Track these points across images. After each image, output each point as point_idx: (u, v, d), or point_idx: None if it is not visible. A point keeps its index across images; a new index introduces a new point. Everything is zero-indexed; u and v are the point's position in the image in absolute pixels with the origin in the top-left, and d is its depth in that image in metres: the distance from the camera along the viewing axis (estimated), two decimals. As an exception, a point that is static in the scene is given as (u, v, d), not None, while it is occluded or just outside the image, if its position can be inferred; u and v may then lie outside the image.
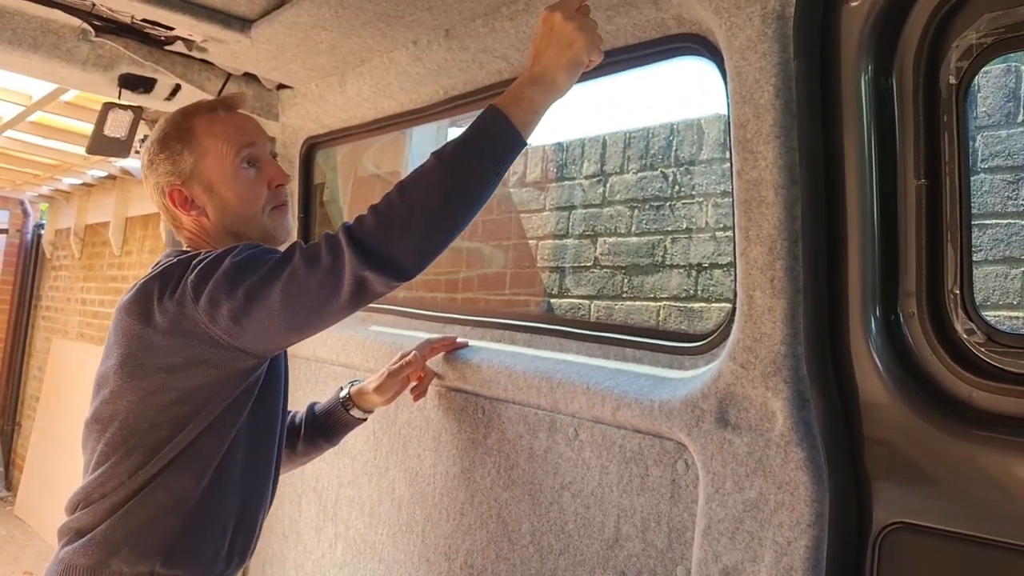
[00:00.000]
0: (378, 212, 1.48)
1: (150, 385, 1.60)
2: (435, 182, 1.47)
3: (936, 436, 1.28)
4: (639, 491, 1.65)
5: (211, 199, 1.76)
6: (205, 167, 1.75)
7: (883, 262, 1.36)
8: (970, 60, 1.26)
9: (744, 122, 1.42)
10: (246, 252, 1.58)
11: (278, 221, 1.81)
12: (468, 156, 1.49)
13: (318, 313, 1.52)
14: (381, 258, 1.45)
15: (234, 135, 1.77)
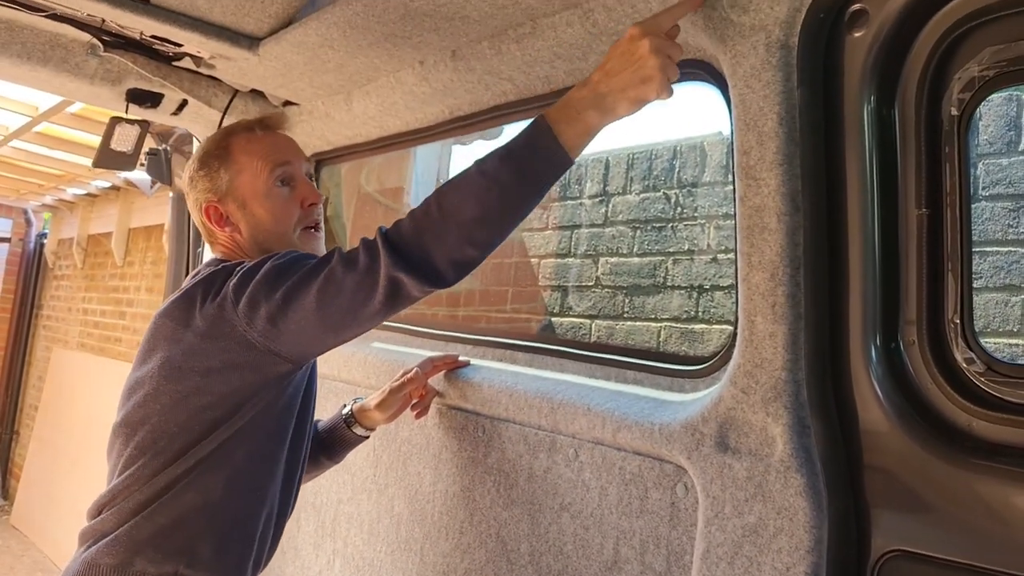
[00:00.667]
0: (415, 217, 1.47)
1: (185, 388, 1.60)
2: (474, 194, 1.44)
3: (935, 464, 1.29)
4: (638, 513, 1.66)
5: (244, 216, 1.79)
6: (240, 184, 1.79)
7: (884, 290, 1.37)
8: (972, 92, 1.27)
9: (748, 149, 1.44)
10: (288, 256, 1.60)
11: (308, 242, 1.83)
12: (511, 172, 1.43)
13: (353, 315, 1.51)
14: (417, 261, 1.45)
15: (269, 154, 1.80)
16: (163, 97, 2.65)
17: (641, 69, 1.38)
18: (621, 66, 1.39)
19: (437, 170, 4.92)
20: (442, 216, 1.44)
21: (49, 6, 2.11)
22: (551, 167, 1.44)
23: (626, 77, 1.39)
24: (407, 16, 1.84)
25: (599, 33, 1.71)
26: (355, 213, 3.60)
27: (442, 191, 1.47)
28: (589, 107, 1.41)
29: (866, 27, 1.34)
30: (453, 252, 1.45)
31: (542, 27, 1.79)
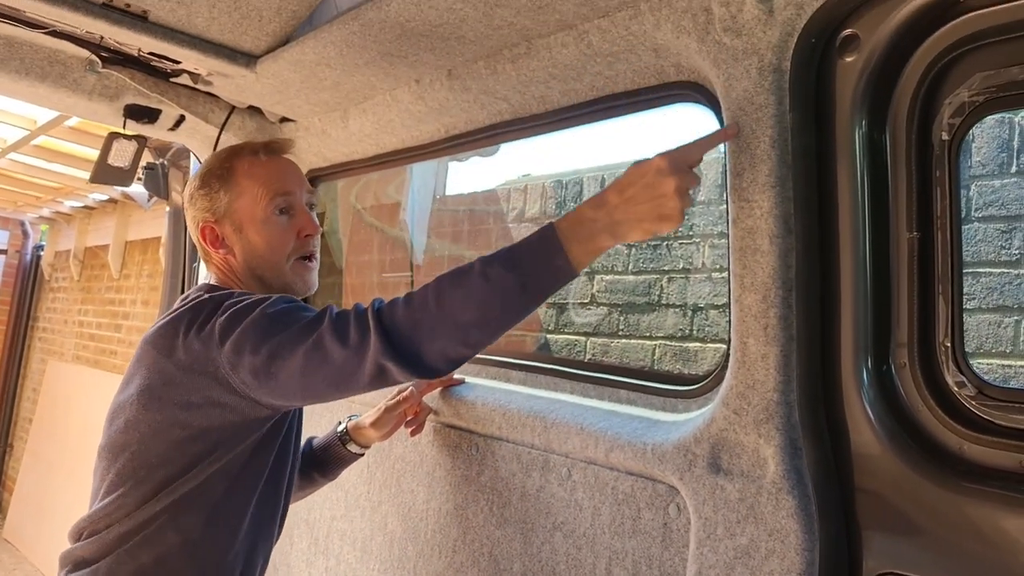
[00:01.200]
0: (412, 307, 1.44)
1: (164, 419, 1.59)
2: (475, 298, 1.40)
3: (927, 487, 1.29)
4: (631, 534, 1.66)
5: (239, 239, 1.78)
6: (238, 208, 1.78)
7: (875, 313, 1.38)
8: (962, 117, 1.29)
9: (740, 171, 1.45)
10: (280, 305, 1.57)
11: (300, 274, 1.81)
12: (516, 282, 1.39)
13: (336, 387, 1.51)
14: (407, 353, 1.42)
15: (271, 181, 1.78)
16: (160, 113, 2.66)
17: (662, 207, 1.35)
18: (642, 197, 1.36)
19: (433, 187, 4.94)
20: (440, 312, 1.41)
21: (48, 23, 2.12)
22: (556, 281, 1.41)
23: (645, 210, 1.36)
24: (403, 36, 1.86)
25: (593, 54, 1.73)
26: (352, 228, 3.60)
27: (443, 286, 1.43)
28: (603, 231, 1.38)
29: (857, 52, 1.35)
30: (447, 349, 1.43)
31: (537, 48, 1.81)
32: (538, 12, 1.67)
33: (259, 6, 1.98)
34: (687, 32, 1.51)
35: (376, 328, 1.43)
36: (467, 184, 5.41)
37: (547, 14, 1.68)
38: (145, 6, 1.99)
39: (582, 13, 1.65)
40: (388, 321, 1.44)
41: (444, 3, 1.67)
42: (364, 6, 1.78)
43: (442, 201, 5.09)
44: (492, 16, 1.71)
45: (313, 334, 1.48)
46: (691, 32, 1.50)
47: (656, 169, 1.34)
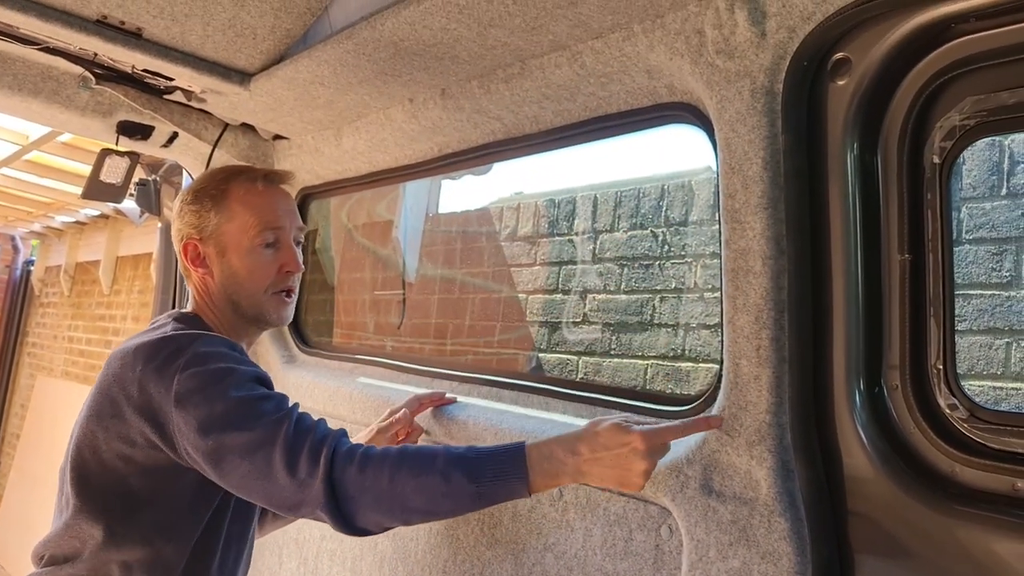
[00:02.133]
0: (365, 472, 1.45)
1: (112, 452, 1.58)
2: (428, 490, 1.44)
3: (919, 511, 1.29)
4: (622, 555, 1.65)
5: (220, 263, 1.76)
6: (226, 231, 1.76)
7: (867, 335, 1.38)
8: (953, 141, 1.29)
9: (733, 192, 1.45)
10: (244, 390, 1.54)
11: (276, 307, 1.80)
12: (472, 490, 1.44)
13: (270, 504, 1.52)
14: (345, 512, 1.45)
15: (264, 212, 1.77)
16: (153, 129, 2.66)
17: (627, 477, 1.42)
18: (611, 463, 1.42)
19: (426, 205, 4.94)
20: (390, 490, 1.44)
21: (42, 39, 2.12)
22: (508, 499, 1.48)
23: (611, 474, 1.43)
24: (397, 55, 1.86)
25: (587, 75, 1.73)
26: (344, 246, 3.60)
27: (402, 467, 1.45)
28: (567, 474, 1.45)
29: (849, 75, 1.36)
30: (383, 521, 1.47)
31: (531, 68, 1.81)
32: (532, 33, 1.68)
33: (253, 24, 1.99)
34: (680, 54, 1.52)
35: (324, 476, 1.44)
36: (460, 202, 5.42)
37: (541, 35, 1.68)
38: (139, 23, 1.99)
39: (575, 34, 1.66)
40: (338, 475, 1.45)
41: (438, 23, 1.68)
42: (358, 25, 1.79)
43: (435, 219, 5.10)
44: (486, 36, 1.72)
45: (264, 448, 1.47)
46: (684, 54, 1.51)
47: (632, 448, 1.41)
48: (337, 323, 5.09)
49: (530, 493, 1.45)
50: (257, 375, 1.61)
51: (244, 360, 1.62)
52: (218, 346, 1.60)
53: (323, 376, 2.69)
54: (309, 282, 3.14)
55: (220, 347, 1.60)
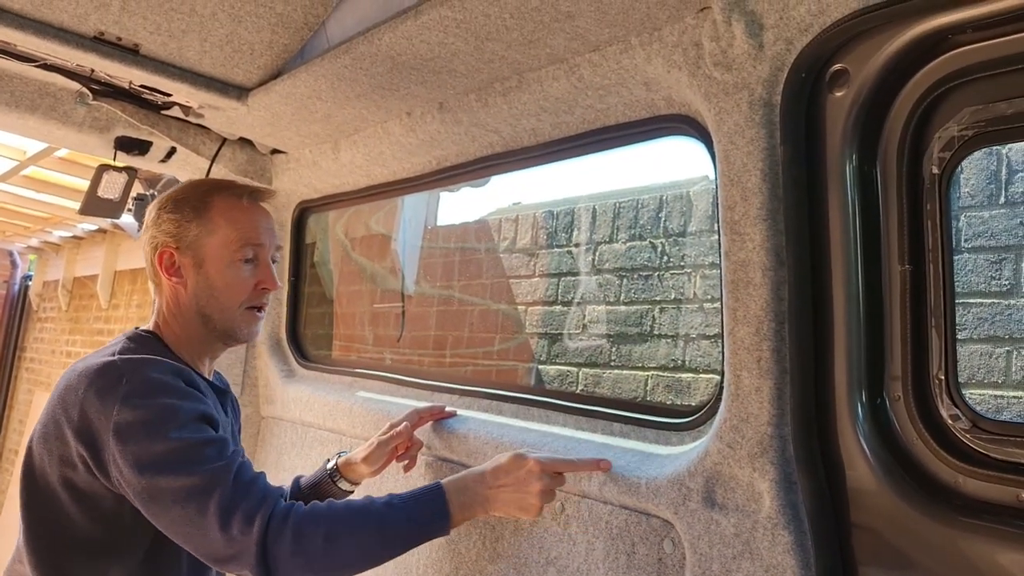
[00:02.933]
0: (300, 541, 1.47)
1: (56, 474, 1.56)
2: (364, 546, 1.52)
3: (923, 522, 1.28)
4: (625, 569, 1.64)
5: (197, 275, 1.74)
6: (206, 244, 1.74)
7: (869, 345, 1.38)
8: (952, 151, 1.29)
9: (732, 204, 1.45)
10: (186, 433, 1.51)
11: (248, 322, 1.78)
12: (404, 539, 1.57)
13: (196, 551, 1.50)
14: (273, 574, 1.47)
15: (246, 228, 1.76)
16: (151, 145, 2.66)
17: (525, 500, 1.62)
18: (511, 487, 1.63)
19: (424, 217, 4.94)
20: (325, 555, 1.48)
21: (40, 56, 2.13)
22: (432, 536, 1.61)
23: (511, 498, 1.63)
24: (395, 69, 1.86)
25: (584, 88, 1.73)
26: (341, 259, 3.59)
27: (337, 529, 1.50)
28: (478, 504, 1.63)
29: (847, 87, 1.36)
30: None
31: (528, 81, 1.81)
32: (529, 46, 1.68)
33: (251, 40, 1.99)
34: (678, 66, 1.52)
35: (258, 539, 1.45)
36: (458, 214, 5.42)
37: (538, 48, 1.68)
38: (137, 40, 1.99)
39: (573, 47, 1.66)
40: (271, 540, 1.46)
41: (436, 37, 1.68)
42: (355, 39, 1.79)
43: (433, 231, 5.09)
44: (483, 50, 1.72)
45: (199, 498, 1.46)
46: (682, 66, 1.51)
47: (528, 470, 1.62)
48: (336, 336, 5.08)
49: (449, 531, 1.59)
50: (202, 413, 1.57)
51: (190, 394, 1.58)
52: (165, 375, 1.57)
53: (322, 390, 2.68)
54: (307, 295, 3.13)
55: (167, 376, 1.56)
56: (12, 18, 1.88)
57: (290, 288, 2.96)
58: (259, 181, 2.80)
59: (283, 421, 2.84)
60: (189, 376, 1.63)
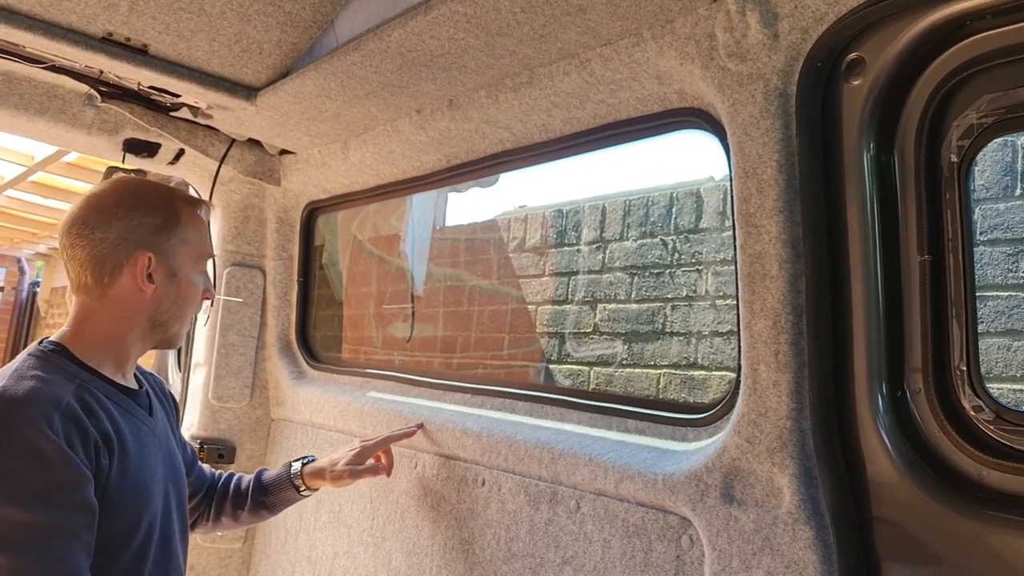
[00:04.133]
0: None
1: None
2: None
3: (946, 516, 1.26)
4: (643, 567, 1.62)
5: (169, 284, 1.70)
6: (180, 254, 1.71)
7: (888, 337, 1.36)
8: (971, 139, 1.28)
9: (747, 196, 1.43)
10: (10, 508, 1.40)
11: (188, 328, 1.86)
12: None
13: None
14: None
15: (206, 241, 1.82)
16: (160, 147, 2.65)
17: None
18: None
19: (433, 217, 4.93)
20: None
21: (48, 58, 2.12)
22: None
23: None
24: (404, 66, 1.85)
25: (596, 82, 1.72)
26: (351, 260, 3.58)
27: None
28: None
29: (863, 75, 1.34)
30: None
31: (539, 76, 1.80)
32: (540, 41, 1.67)
33: (259, 39, 1.98)
34: (691, 58, 1.51)
35: None
36: (467, 214, 5.41)
37: (549, 43, 1.67)
38: (145, 40, 1.99)
39: (584, 41, 1.65)
40: None
41: (446, 33, 1.67)
42: (364, 37, 1.78)
43: (442, 232, 5.09)
44: (494, 45, 1.71)
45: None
46: (695, 58, 1.50)
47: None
48: (345, 338, 5.08)
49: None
50: (45, 486, 1.43)
51: (42, 456, 1.43)
52: (34, 420, 1.45)
53: (333, 391, 2.67)
54: (316, 297, 3.13)
55: (33, 423, 1.44)
56: (21, 19, 1.88)
57: (299, 290, 2.95)
58: (268, 182, 2.79)
59: (293, 423, 2.83)
60: (82, 398, 1.55)
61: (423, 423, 2.19)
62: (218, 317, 2.87)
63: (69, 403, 1.51)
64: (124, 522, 1.57)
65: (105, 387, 1.64)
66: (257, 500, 2.14)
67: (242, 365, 2.91)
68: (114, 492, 1.54)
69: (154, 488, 1.67)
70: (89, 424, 1.52)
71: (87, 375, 1.62)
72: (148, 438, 1.69)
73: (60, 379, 1.56)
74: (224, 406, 2.88)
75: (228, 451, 2.86)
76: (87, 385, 1.59)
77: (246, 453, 2.90)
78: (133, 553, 1.59)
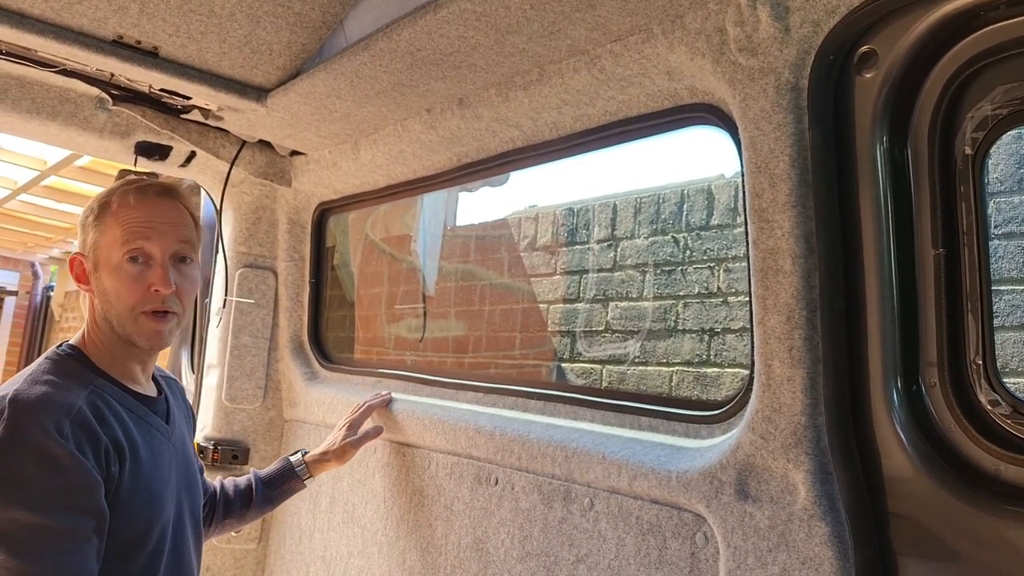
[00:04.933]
0: None
1: None
2: None
3: (963, 511, 1.25)
4: (657, 565, 1.62)
5: (95, 281, 1.66)
6: (100, 247, 1.65)
7: (903, 332, 1.35)
8: (986, 131, 1.26)
9: (760, 191, 1.43)
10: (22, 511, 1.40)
11: (143, 327, 1.63)
12: None
13: None
14: None
15: (132, 225, 1.63)
16: (171, 149, 2.66)
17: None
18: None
19: (444, 217, 4.93)
20: None
21: (59, 61, 2.13)
22: None
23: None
24: (414, 65, 1.85)
25: (606, 79, 1.72)
26: (362, 261, 3.59)
27: None
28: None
29: (876, 68, 1.34)
30: None
31: (549, 74, 1.80)
32: (550, 38, 1.67)
33: (269, 40, 1.99)
34: (701, 54, 1.50)
35: None
36: (478, 214, 5.41)
37: (559, 40, 1.67)
38: (156, 42, 2.00)
39: (594, 38, 1.65)
40: None
41: (455, 31, 1.67)
42: (374, 36, 1.78)
43: (453, 232, 5.09)
44: (504, 43, 1.71)
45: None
46: (705, 53, 1.49)
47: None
48: (357, 339, 5.09)
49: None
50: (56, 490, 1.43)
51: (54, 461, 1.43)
52: (45, 424, 1.44)
53: (346, 391, 2.67)
54: (328, 299, 3.13)
55: (45, 428, 1.44)
56: (33, 23, 1.89)
57: (311, 290, 2.95)
58: (279, 183, 2.80)
59: (306, 423, 2.83)
60: (95, 405, 1.55)
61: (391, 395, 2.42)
62: (231, 319, 2.87)
63: (81, 409, 1.51)
64: (135, 529, 1.57)
65: (119, 394, 1.64)
66: (265, 496, 2.21)
67: (255, 366, 2.92)
68: (125, 499, 1.54)
69: (167, 496, 1.67)
70: (100, 431, 1.51)
71: (101, 381, 1.62)
72: (162, 446, 1.69)
73: (73, 385, 1.56)
74: (237, 407, 2.89)
75: (242, 452, 2.87)
76: (101, 391, 1.59)
77: (260, 454, 2.90)
78: (145, 560, 1.60)
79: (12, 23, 1.87)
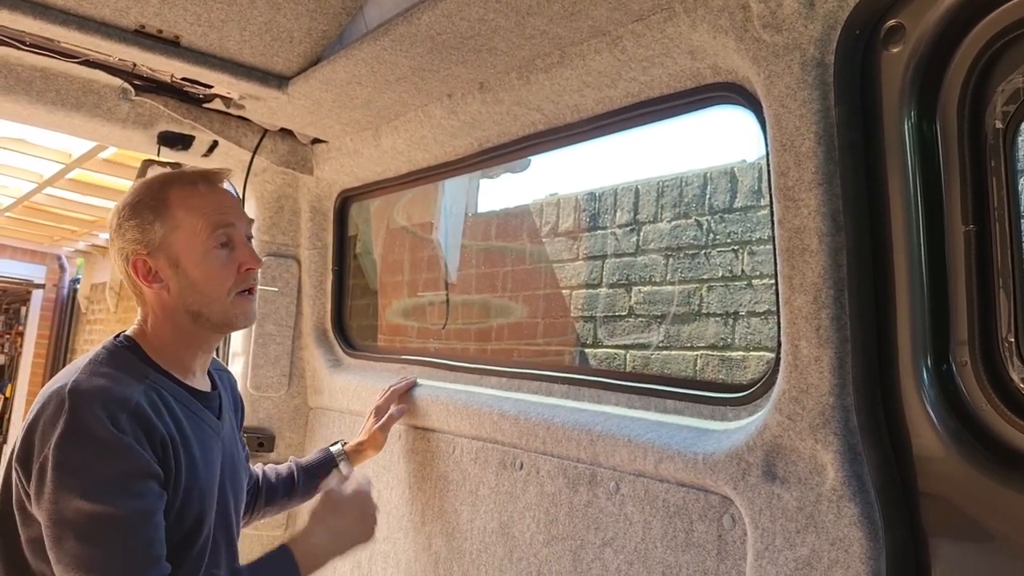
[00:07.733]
0: None
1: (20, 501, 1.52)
2: None
3: (996, 490, 1.24)
4: (684, 547, 1.61)
5: (176, 275, 1.66)
6: (175, 241, 1.65)
7: (933, 310, 1.33)
8: (1017, 104, 1.24)
9: (785, 170, 1.41)
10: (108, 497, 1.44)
11: (241, 307, 1.71)
12: None
13: None
14: None
15: (211, 213, 1.68)
16: (194, 139, 2.67)
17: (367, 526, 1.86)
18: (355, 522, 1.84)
19: (465, 204, 4.93)
20: None
21: (82, 52, 2.15)
22: None
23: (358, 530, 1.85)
24: (434, 50, 1.85)
25: (628, 60, 1.70)
26: (384, 248, 3.59)
27: None
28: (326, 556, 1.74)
29: (903, 42, 1.31)
30: None
31: (570, 56, 1.79)
32: (571, 19, 1.65)
33: (289, 27, 1.99)
34: (724, 31, 1.49)
35: None
36: (499, 201, 5.40)
37: (580, 20, 1.66)
38: (177, 31, 2.00)
39: (615, 18, 1.63)
40: None
41: (476, 14, 1.66)
42: (394, 21, 1.78)
43: (474, 218, 5.08)
44: (524, 25, 1.70)
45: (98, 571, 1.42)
46: (729, 31, 1.47)
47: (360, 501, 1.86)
48: (379, 327, 5.10)
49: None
50: (124, 472, 1.47)
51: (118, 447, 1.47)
52: (107, 413, 1.47)
53: (370, 378, 2.68)
54: (351, 287, 3.14)
55: (107, 417, 1.47)
56: (56, 14, 1.90)
57: (334, 278, 2.96)
58: (301, 171, 2.81)
59: (331, 411, 2.85)
60: (151, 399, 1.57)
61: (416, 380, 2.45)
62: (255, 307, 2.89)
63: (138, 403, 1.53)
64: (185, 525, 1.60)
65: (174, 388, 1.66)
66: (307, 486, 2.24)
67: (279, 354, 2.94)
68: (177, 494, 1.57)
69: (215, 492, 1.70)
70: (157, 423, 1.54)
71: (156, 375, 1.65)
72: (212, 441, 1.71)
73: (130, 378, 1.59)
74: (262, 395, 2.91)
75: (268, 440, 2.89)
76: (156, 386, 1.62)
77: (285, 441, 2.92)
78: (195, 556, 1.62)
79: (36, 14, 1.88)
